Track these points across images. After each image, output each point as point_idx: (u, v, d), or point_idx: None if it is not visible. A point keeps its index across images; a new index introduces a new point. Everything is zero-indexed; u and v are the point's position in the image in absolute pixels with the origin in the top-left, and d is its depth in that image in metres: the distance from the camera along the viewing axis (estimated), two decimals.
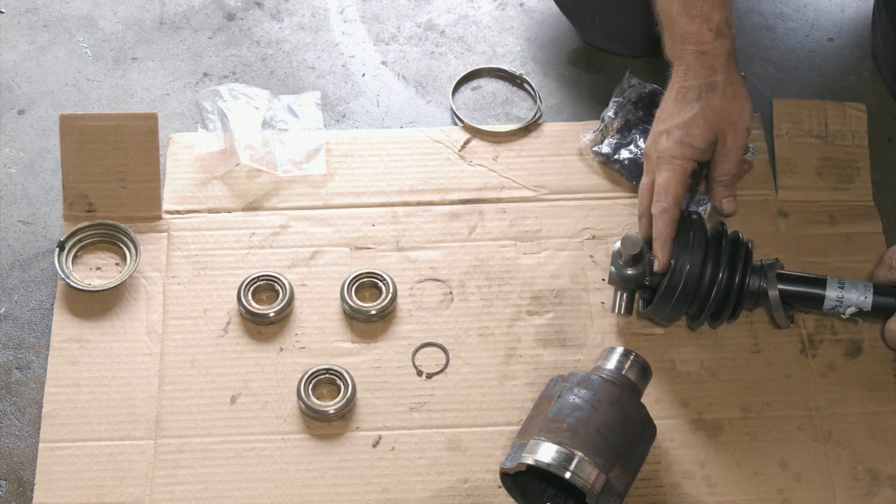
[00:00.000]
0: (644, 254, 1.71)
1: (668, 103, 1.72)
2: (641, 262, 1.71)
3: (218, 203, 1.91)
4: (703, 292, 1.68)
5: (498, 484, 1.66)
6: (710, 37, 1.69)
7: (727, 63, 1.70)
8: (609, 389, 1.61)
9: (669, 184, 1.69)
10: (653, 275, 1.71)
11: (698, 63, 1.70)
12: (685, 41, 1.70)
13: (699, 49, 1.70)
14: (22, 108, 2.04)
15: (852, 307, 1.67)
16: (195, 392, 1.74)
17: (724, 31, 1.69)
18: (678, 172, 1.69)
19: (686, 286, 1.67)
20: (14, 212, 1.92)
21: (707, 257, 1.68)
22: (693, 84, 1.70)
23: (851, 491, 1.68)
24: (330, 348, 1.79)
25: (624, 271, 1.71)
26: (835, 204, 1.92)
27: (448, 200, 1.92)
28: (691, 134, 1.69)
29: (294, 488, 1.67)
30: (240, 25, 2.15)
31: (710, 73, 1.69)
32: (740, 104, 1.70)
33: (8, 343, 1.79)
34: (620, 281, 1.73)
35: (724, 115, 1.69)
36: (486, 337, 1.80)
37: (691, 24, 1.69)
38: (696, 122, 1.69)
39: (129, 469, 1.68)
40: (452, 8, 2.20)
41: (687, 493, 1.68)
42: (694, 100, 1.69)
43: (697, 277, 1.67)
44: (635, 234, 1.70)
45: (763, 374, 1.77)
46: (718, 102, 1.69)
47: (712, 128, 1.69)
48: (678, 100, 1.71)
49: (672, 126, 1.70)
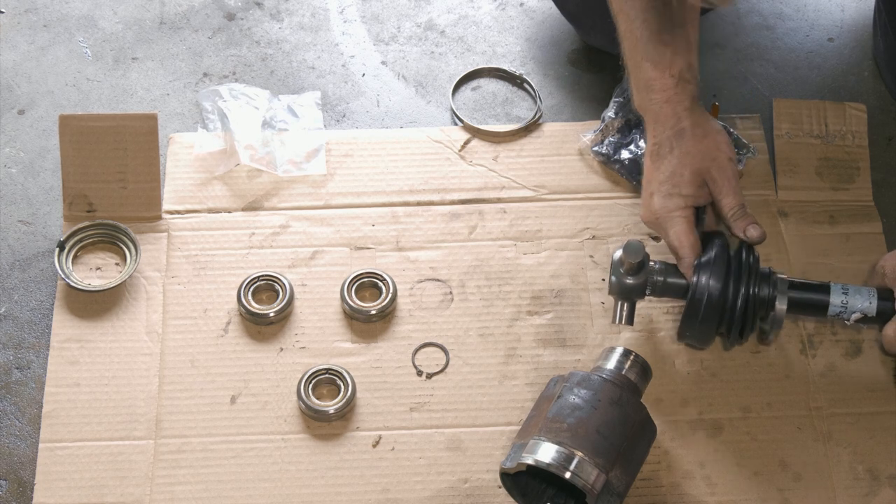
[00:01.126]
0: (646, 262, 1.68)
1: (647, 165, 1.73)
2: (644, 271, 1.68)
3: (218, 203, 1.91)
4: (728, 309, 1.65)
5: (498, 484, 1.66)
6: (671, 83, 1.69)
7: (691, 107, 1.70)
8: (609, 389, 1.61)
9: (680, 237, 1.68)
10: (654, 285, 1.70)
11: (663, 113, 1.70)
12: (649, 89, 1.71)
13: (663, 97, 1.70)
14: (22, 108, 2.04)
15: (856, 313, 1.66)
16: (195, 392, 1.74)
17: (686, 76, 1.70)
18: (682, 224, 1.68)
19: (709, 303, 1.64)
20: (14, 212, 1.92)
21: (729, 273, 1.65)
22: (663, 137, 1.70)
23: (851, 491, 1.68)
24: (330, 348, 1.79)
25: (625, 281, 1.68)
26: (835, 204, 1.92)
27: (448, 200, 1.92)
28: (677, 184, 1.68)
29: (294, 488, 1.68)
30: (240, 25, 2.15)
31: (676, 121, 1.70)
32: (713, 139, 1.70)
33: (8, 343, 1.79)
34: (621, 291, 1.69)
35: (700, 155, 1.69)
36: (486, 337, 1.80)
37: (654, 70, 1.70)
38: (676, 172, 1.68)
39: (129, 469, 1.68)
40: (452, 8, 2.20)
41: (687, 493, 1.68)
42: (668, 153, 1.69)
43: (719, 294, 1.64)
44: (637, 241, 1.66)
45: (763, 374, 1.77)
46: (691, 146, 1.69)
47: (694, 171, 1.68)
48: (654, 157, 1.71)
49: (657, 185, 1.69)
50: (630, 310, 1.70)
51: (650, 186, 1.71)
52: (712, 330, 1.67)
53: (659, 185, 1.69)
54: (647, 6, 1.70)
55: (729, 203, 1.69)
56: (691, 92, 1.71)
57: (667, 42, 1.69)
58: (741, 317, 1.65)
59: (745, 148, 1.94)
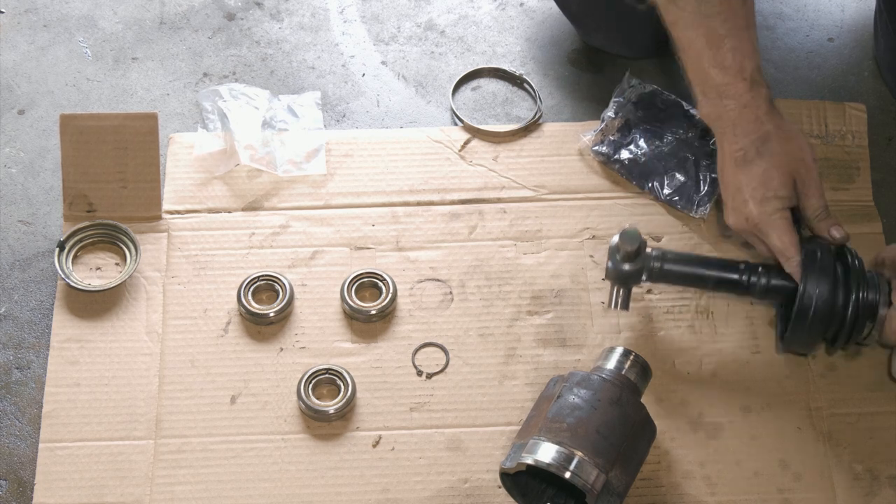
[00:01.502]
0: (643, 249, 1.68)
1: (730, 171, 1.69)
2: (640, 258, 1.68)
3: (218, 203, 1.91)
4: (838, 314, 1.65)
5: (498, 484, 1.66)
6: (745, 87, 1.67)
7: (770, 110, 1.68)
8: (609, 389, 1.61)
9: (783, 239, 1.67)
10: (651, 271, 1.70)
11: (742, 118, 1.67)
12: (722, 96, 1.67)
13: (739, 103, 1.67)
14: (22, 108, 2.04)
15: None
16: (195, 392, 1.74)
17: (757, 79, 1.67)
18: (783, 225, 1.67)
19: (818, 310, 1.63)
20: (14, 212, 1.92)
21: (837, 279, 1.65)
22: (746, 143, 1.68)
23: (851, 491, 1.68)
24: (330, 348, 1.79)
25: (621, 267, 1.69)
26: (835, 204, 1.92)
27: (448, 200, 1.92)
28: (772, 187, 1.67)
29: (294, 488, 1.68)
30: (240, 25, 2.15)
31: (758, 126, 1.67)
32: (798, 141, 1.69)
33: (8, 343, 1.79)
34: (617, 277, 1.70)
35: (789, 157, 1.67)
36: (486, 337, 1.80)
37: (725, 76, 1.66)
38: (769, 174, 1.66)
39: (129, 469, 1.68)
40: (452, 8, 2.20)
41: (687, 493, 1.68)
42: (755, 157, 1.67)
43: (828, 299, 1.64)
44: (634, 228, 1.67)
45: (763, 374, 1.77)
46: (779, 148, 1.67)
47: (786, 173, 1.67)
48: (739, 164, 1.68)
49: (750, 191, 1.67)
50: (626, 295, 1.71)
51: (742, 193, 1.68)
52: (819, 337, 1.67)
53: (753, 191, 1.67)
54: (709, 12, 1.66)
55: (814, 204, 1.69)
56: (766, 95, 1.68)
57: (734, 47, 1.66)
58: (851, 322, 1.65)
59: None
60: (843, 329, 1.65)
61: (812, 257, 1.66)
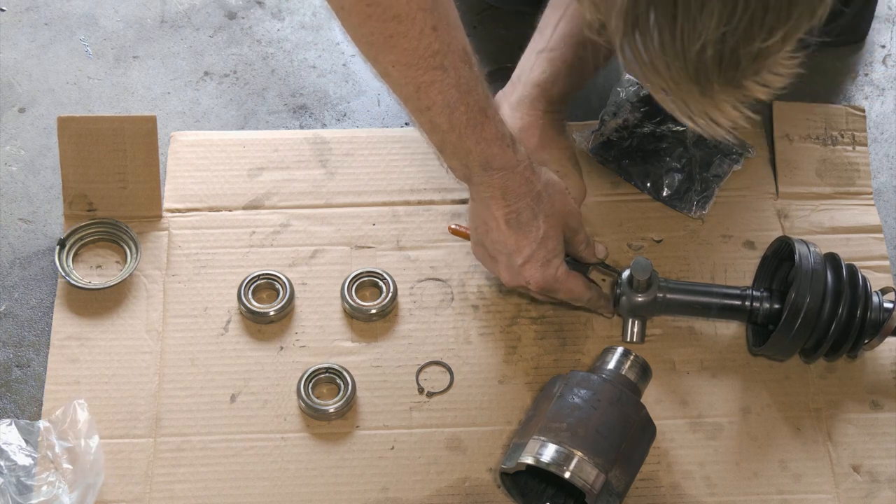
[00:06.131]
0: (655, 278, 1.71)
1: (504, 233, 1.65)
2: (652, 288, 1.71)
3: (218, 202, 1.91)
4: (822, 325, 1.66)
5: (498, 484, 1.66)
6: (510, 153, 1.62)
7: (530, 166, 1.64)
8: (609, 389, 1.62)
9: (573, 290, 1.71)
10: (657, 302, 1.72)
11: (512, 183, 1.63)
12: (488, 167, 1.61)
13: (506, 170, 1.62)
14: (23, 106, 2.04)
15: None
16: (195, 390, 1.74)
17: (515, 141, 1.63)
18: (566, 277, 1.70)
19: (806, 319, 1.65)
20: (14, 210, 1.92)
21: (826, 289, 1.66)
22: (520, 206, 1.64)
23: (851, 491, 1.68)
24: (330, 347, 1.79)
25: (635, 298, 1.72)
26: (835, 205, 1.93)
27: (449, 200, 1.92)
28: (551, 249, 1.67)
29: (294, 487, 1.67)
30: (241, 24, 2.15)
31: (528, 188, 1.64)
32: (562, 194, 1.69)
33: (8, 341, 1.79)
34: (631, 309, 1.73)
35: (561, 212, 1.68)
36: (486, 337, 1.80)
37: (490, 147, 1.60)
38: (547, 236, 1.66)
39: (128, 467, 1.68)
40: None
41: (687, 493, 1.68)
42: (531, 219, 1.65)
43: (817, 310, 1.65)
44: (645, 259, 1.70)
45: (763, 375, 1.77)
46: (550, 206, 1.66)
47: (560, 230, 1.68)
48: (513, 226, 1.65)
49: (529, 253, 1.66)
50: (641, 327, 1.75)
51: (521, 253, 1.66)
52: (799, 345, 1.69)
53: (532, 254, 1.66)
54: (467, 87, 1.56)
55: (580, 240, 1.73)
56: (524, 154, 1.63)
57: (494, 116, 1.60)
58: (841, 335, 1.68)
59: (744, 148, 1.94)
60: (825, 339, 1.67)
61: (806, 267, 1.66)
